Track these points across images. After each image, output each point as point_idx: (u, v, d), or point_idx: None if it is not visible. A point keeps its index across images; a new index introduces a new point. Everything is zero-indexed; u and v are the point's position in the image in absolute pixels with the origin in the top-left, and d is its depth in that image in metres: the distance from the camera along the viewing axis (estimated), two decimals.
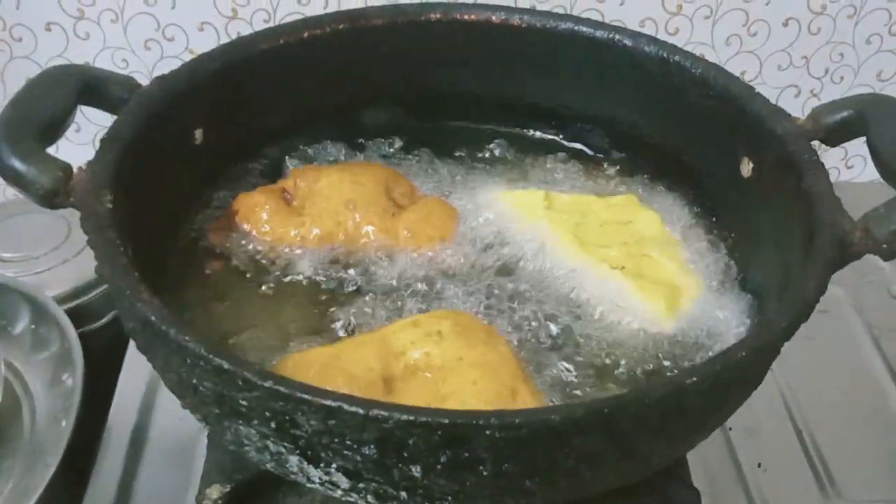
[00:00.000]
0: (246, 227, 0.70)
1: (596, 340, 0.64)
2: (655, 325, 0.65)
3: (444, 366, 0.57)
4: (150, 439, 0.77)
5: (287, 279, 0.68)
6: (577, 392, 0.60)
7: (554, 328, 0.65)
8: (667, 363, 0.63)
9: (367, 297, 0.66)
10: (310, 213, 0.70)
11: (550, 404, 0.59)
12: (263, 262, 0.69)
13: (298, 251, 0.69)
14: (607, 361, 0.62)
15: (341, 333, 0.63)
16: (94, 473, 0.74)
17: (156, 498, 0.73)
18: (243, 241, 0.70)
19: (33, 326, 0.85)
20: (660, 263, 0.69)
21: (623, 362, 0.62)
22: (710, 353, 0.63)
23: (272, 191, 0.72)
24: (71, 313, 0.84)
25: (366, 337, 0.60)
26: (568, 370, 0.62)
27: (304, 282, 0.67)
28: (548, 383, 0.61)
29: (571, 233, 0.71)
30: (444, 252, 0.70)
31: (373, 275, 0.68)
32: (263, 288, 0.67)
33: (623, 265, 0.68)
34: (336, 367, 0.57)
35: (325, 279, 0.67)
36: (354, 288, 0.67)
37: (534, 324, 0.65)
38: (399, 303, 0.66)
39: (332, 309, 0.65)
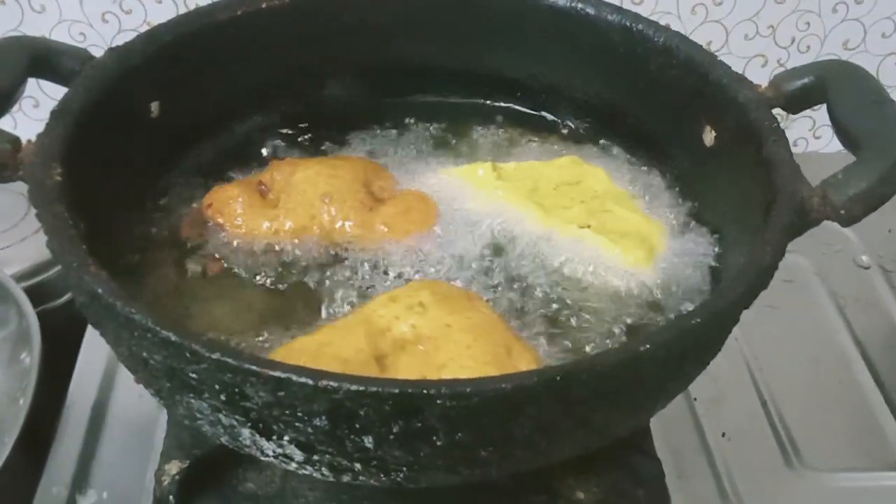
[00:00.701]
0: (219, 220, 0.69)
1: (587, 303, 0.64)
2: (639, 275, 0.66)
3: (433, 335, 0.56)
4: (110, 416, 0.77)
5: (256, 271, 0.66)
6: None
7: (540, 298, 0.64)
8: (660, 317, 0.63)
9: (338, 286, 0.65)
10: (284, 206, 0.68)
11: (545, 360, 0.58)
12: (233, 254, 0.67)
13: (273, 245, 0.67)
14: (606, 322, 0.62)
15: (308, 323, 0.62)
16: (53, 451, 0.73)
17: (115, 475, 0.72)
18: (216, 234, 0.68)
19: None
20: (622, 215, 0.69)
21: (622, 320, 0.63)
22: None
23: (247, 183, 0.71)
24: (30, 291, 0.83)
25: (348, 320, 0.60)
26: (567, 338, 0.62)
27: (272, 273, 0.66)
28: (552, 354, 0.60)
29: (530, 199, 0.70)
30: (419, 240, 0.68)
31: (345, 266, 0.66)
32: (231, 279, 0.65)
33: (588, 223, 0.68)
34: (326, 354, 0.56)
35: (295, 271, 0.66)
36: (323, 278, 0.65)
37: (521, 297, 0.64)
38: (372, 289, 0.64)
39: (299, 299, 0.64)
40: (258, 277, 0.65)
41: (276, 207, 0.69)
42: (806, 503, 0.75)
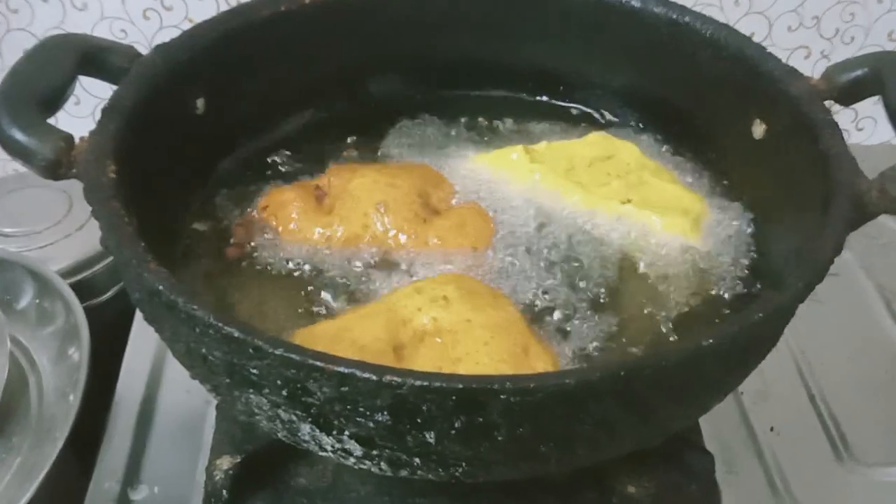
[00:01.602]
0: (273, 223, 0.68)
1: (642, 280, 0.65)
2: (688, 246, 0.67)
3: (452, 329, 0.57)
4: (158, 412, 0.77)
5: (302, 271, 0.66)
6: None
7: (593, 276, 0.65)
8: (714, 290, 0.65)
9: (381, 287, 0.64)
10: (339, 213, 0.68)
11: (562, 362, 0.58)
12: (283, 256, 0.67)
13: (324, 250, 0.67)
14: (668, 300, 0.64)
15: None
16: (103, 447, 0.73)
17: (166, 470, 0.72)
18: (268, 237, 0.68)
19: (38, 301, 0.84)
20: (660, 187, 0.70)
21: (679, 296, 0.64)
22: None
23: (304, 187, 0.70)
24: (75, 287, 0.83)
25: (371, 307, 0.60)
26: (621, 314, 0.62)
27: (318, 275, 0.65)
28: (629, 338, 0.61)
29: (568, 179, 0.70)
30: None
31: (394, 272, 0.66)
32: (276, 276, 0.65)
33: (629, 198, 0.69)
34: (344, 338, 0.57)
35: (341, 276, 0.65)
36: (371, 283, 0.65)
37: (572, 278, 0.65)
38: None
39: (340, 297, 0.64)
40: (300, 277, 0.65)
41: (331, 214, 0.68)
42: (856, 497, 0.74)
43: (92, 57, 0.65)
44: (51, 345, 0.81)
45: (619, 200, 0.69)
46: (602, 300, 0.64)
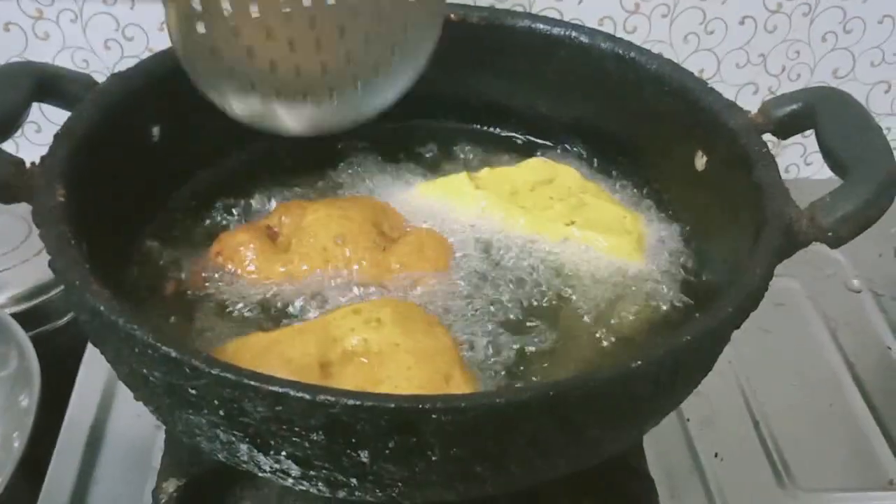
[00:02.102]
0: (230, 267, 0.68)
1: (588, 300, 0.66)
2: (630, 265, 0.69)
3: (381, 351, 0.58)
4: (108, 437, 0.77)
5: (267, 306, 0.66)
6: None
7: (539, 298, 0.67)
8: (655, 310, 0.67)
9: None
10: (297, 250, 0.68)
11: (499, 382, 0.60)
12: (245, 295, 0.66)
13: (287, 286, 0.67)
14: (612, 319, 0.65)
15: None
16: (51, 472, 0.74)
17: (113, 494, 0.72)
18: (228, 282, 0.67)
19: None
20: (601, 206, 0.72)
21: (625, 314, 0.66)
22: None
23: (256, 228, 0.70)
24: (31, 312, 0.84)
25: (308, 324, 0.61)
26: (571, 335, 0.64)
27: (283, 308, 0.65)
28: (574, 356, 0.62)
29: (513, 203, 0.72)
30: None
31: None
32: (236, 313, 0.65)
33: (572, 220, 0.71)
34: (273, 351, 0.58)
35: (301, 310, 0.65)
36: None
37: (519, 301, 0.66)
38: None
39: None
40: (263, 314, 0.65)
41: (288, 251, 0.68)
42: None
43: (49, 84, 0.66)
44: (1, 389, 0.81)
45: (563, 222, 0.71)
46: (548, 319, 0.65)
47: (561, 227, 0.71)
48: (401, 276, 0.67)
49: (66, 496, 0.72)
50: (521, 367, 0.61)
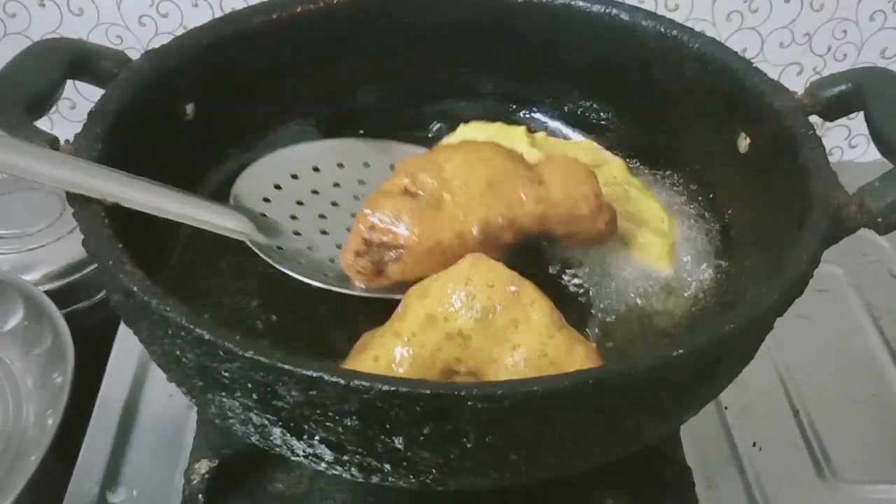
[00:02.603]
0: (387, 239, 0.60)
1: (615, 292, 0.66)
2: (659, 271, 0.68)
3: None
4: (141, 416, 0.77)
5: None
6: None
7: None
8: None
9: None
10: (453, 205, 0.60)
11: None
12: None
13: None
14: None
15: None
16: (84, 450, 0.74)
17: (145, 473, 0.73)
18: (392, 254, 0.61)
19: (27, 323, 0.85)
20: (643, 202, 0.70)
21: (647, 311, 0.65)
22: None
23: (391, 195, 0.62)
24: (64, 290, 0.84)
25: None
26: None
27: None
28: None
29: None
30: None
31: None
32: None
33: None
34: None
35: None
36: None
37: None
38: None
39: None
40: None
41: (441, 209, 0.60)
42: None
43: (82, 61, 0.65)
44: (35, 367, 0.82)
45: None
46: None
47: None
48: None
49: (98, 475, 0.72)
50: None
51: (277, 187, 0.69)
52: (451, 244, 0.60)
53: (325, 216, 0.68)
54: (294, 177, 0.70)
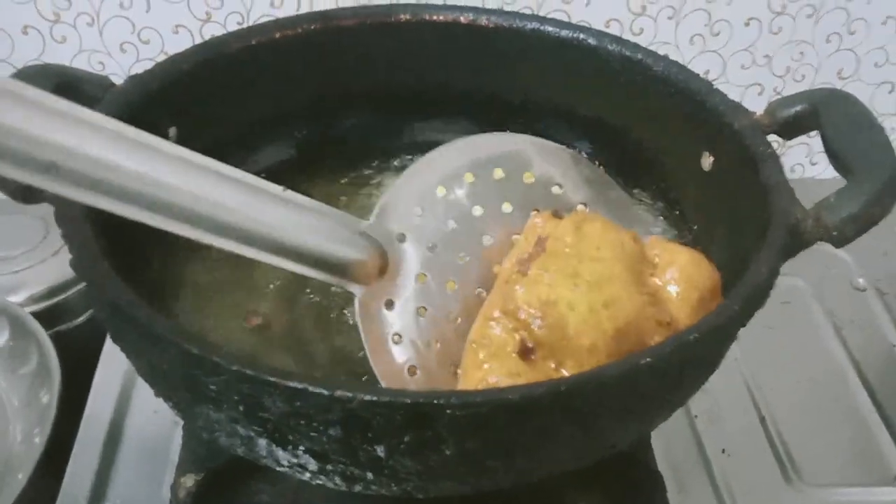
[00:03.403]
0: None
1: None
2: None
3: None
4: (127, 432, 0.78)
5: None
6: None
7: None
8: None
9: None
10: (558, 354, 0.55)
11: None
12: None
13: None
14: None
15: None
16: (70, 467, 0.75)
17: (132, 489, 0.73)
18: None
19: (12, 343, 0.85)
20: None
21: None
22: None
23: (502, 351, 0.55)
24: (49, 311, 0.85)
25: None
26: None
27: None
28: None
29: None
30: None
31: None
32: None
33: None
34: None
35: None
36: None
37: None
38: None
39: None
40: None
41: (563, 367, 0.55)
42: None
43: (67, 86, 0.66)
44: (22, 386, 0.83)
45: None
46: None
47: None
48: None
49: (86, 491, 0.73)
50: None
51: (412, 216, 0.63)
52: None
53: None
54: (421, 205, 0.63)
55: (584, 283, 0.56)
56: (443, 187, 0.64)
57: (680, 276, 0.60)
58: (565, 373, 0.55)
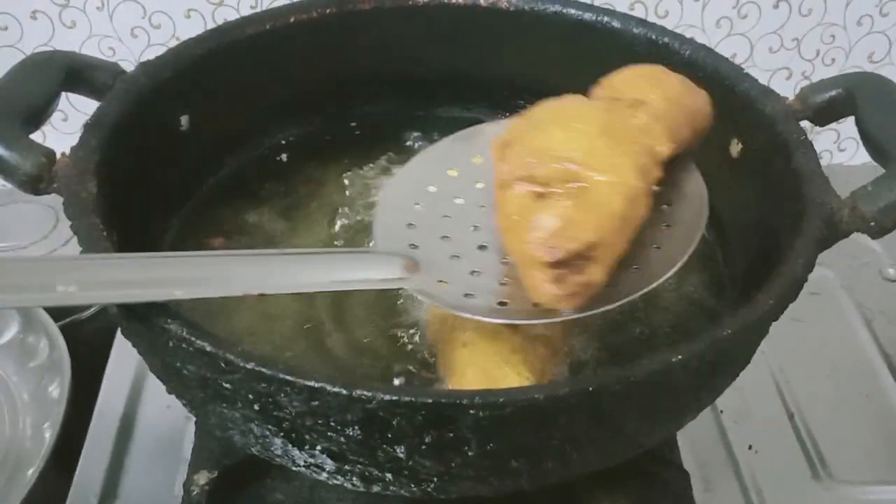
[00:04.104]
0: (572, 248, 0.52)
1: None
2: None
3: None
4: (138, 427, 0.77)
5: None
6: None
7: None
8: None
9: None
10: (597, 170, 0.53)
11: None
12: None
13: None
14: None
15: None
16: (81, 463, 0.74)
17: (143, 486, 0.72)
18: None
19: (22, 336, 0.85)
20: None
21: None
22: None
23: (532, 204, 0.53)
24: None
25: None
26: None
27: None
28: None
29: None
30: None
31: None
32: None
33: None
34: None
35: None
36: None
37: None
38: None
39: None
40: None
41: (588, 182, 0.52)
42: None
43: (76, 74, 0.65)
44: (32, 380, 0.82)
45: None
46: None
47: None
48: None
49: (97, 487, 0.72)
50: None
51: (413, 211, 0.61)
52: (625, 211, 0.53)
53: (476, 226, 0.60)
54: (417, 202, 0.62)
55: (548, 123, 0.57)
56: (432, 185, 0.63)
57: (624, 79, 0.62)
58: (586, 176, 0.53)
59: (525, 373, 0.55)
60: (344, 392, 0.46)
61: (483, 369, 0.55)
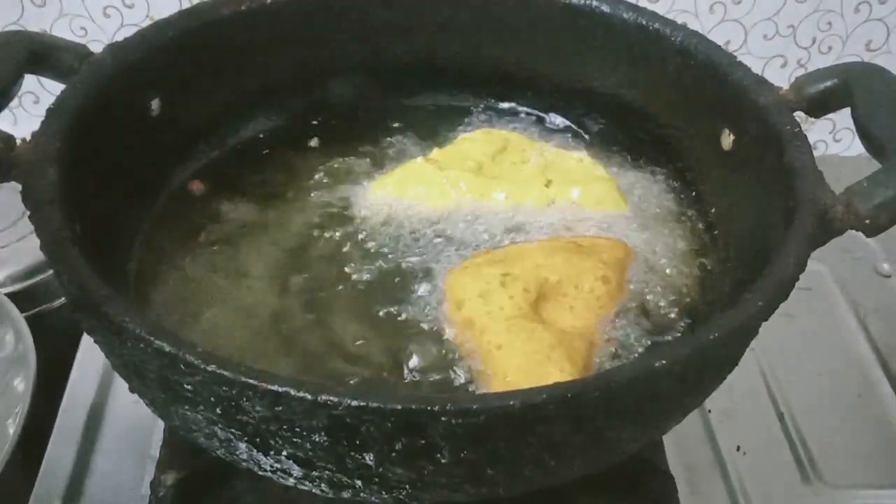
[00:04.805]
0: None
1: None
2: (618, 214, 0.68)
3: None
4: (106, 422, 0.75)
5: None
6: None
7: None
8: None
9: None
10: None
11: None
12: None
13: None
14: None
15: None
16: (47, 460, 0.72)
17: (110, 484, 0.70)
18: None
19: None
20: (564, 159, 0.71)
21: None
22: None
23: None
24: (27, 292, 0.81)
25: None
26: None
27: None
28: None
29: (483, 176, 0.69)
30: None
31: None
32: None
33: (548, 179, 0.69)
34: None
35: None
36: None
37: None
38: None
39: None
40: None
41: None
42: None
43: (41, 55, 0.62)
44: None
45: (541, 184, 0.69)
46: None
47: (543, 190, 0.68)
48: None
49: (62, 484, 0.70)
50: None
51: None
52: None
53: None
54: None
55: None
56: None
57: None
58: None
59: (568, 367, 0.54)
60: (309, 397, 0.44)
61: (524, 370, 0.55)
